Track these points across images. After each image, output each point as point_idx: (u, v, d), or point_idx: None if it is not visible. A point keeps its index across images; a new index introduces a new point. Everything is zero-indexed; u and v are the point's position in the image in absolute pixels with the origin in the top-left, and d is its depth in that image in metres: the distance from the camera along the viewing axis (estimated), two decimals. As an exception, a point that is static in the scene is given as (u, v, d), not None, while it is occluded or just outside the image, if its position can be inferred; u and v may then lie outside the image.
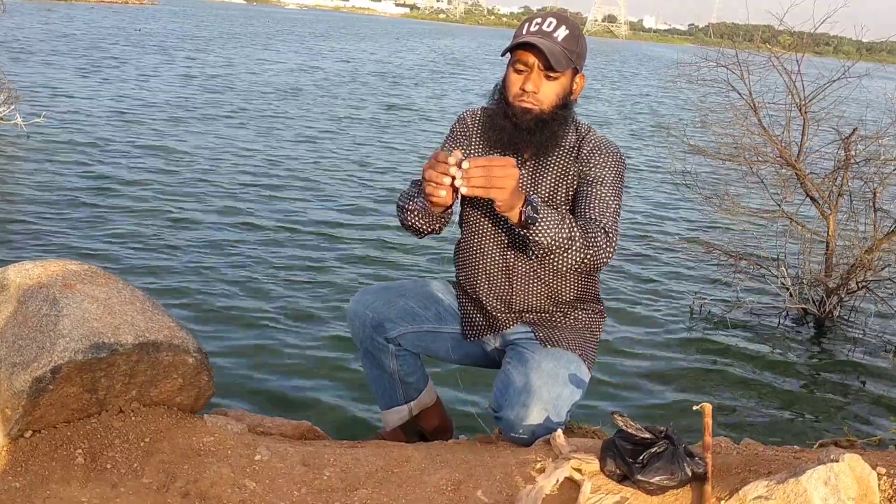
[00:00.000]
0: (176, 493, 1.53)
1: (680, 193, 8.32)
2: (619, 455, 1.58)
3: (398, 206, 1.96)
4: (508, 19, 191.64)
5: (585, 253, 1.72)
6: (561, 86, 1.86)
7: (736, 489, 1.51)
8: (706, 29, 71.12)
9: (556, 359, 1.91)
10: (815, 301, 5.09)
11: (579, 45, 1.87)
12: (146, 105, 11.16)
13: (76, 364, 1.59)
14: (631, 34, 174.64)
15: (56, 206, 5.82)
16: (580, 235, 1.71)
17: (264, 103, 12.72)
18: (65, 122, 9.15)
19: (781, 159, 5.34)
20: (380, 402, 2.31)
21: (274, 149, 9.05)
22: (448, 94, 17.67)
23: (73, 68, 14.58)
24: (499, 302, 2.04)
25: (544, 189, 1.93)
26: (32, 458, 1.57)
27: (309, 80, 17.40)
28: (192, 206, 6.22)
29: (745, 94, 5.55)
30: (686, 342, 4.60)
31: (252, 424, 1.95)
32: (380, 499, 1.57)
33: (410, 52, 32.83)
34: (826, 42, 29.65)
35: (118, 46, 20.53)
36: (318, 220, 6.29)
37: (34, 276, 1.80)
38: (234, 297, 4.46)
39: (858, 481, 1.46)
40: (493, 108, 1.92)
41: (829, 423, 3.77)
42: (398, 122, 12.42)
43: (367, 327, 2.16)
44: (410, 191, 1.94)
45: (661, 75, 29.23)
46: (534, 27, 1.85)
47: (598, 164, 1.88)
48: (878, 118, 5.73)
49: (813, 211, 5.45)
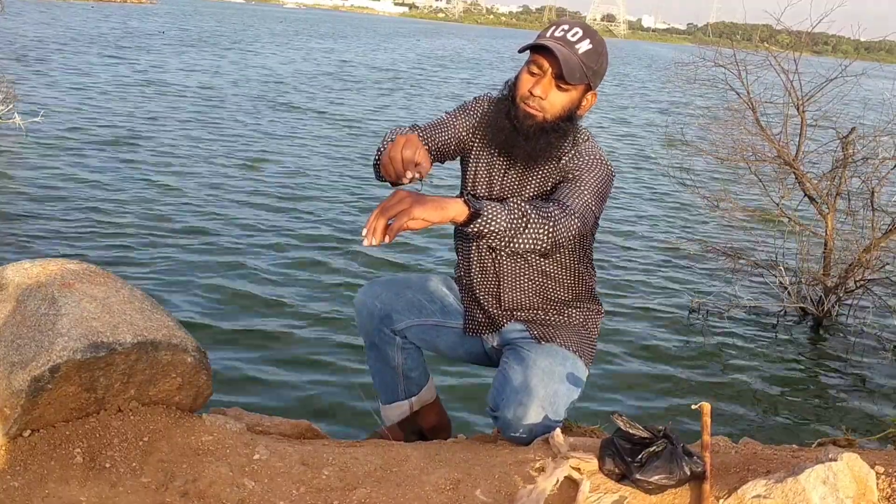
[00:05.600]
0: (175, 493, 1.53)
1: (678, 193, 8.33)
2: (617, 454, 1.59)
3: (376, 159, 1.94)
4: (507, 18, 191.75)
5: (545, 226, 1.65)
6: (570, 98, 1.83)
7: (734, 488, 1.51)
8: (705, 28, 71.13)
9: (552, 356, 1.92)
10: (813, 300, 5.10)
11: (599, 62, 1.84)
12: (146, 105, 11.14)
13: (75, 363, 1.59)
14: (630, 33, 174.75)
15: (54, 205, 5.81)
16: (532, 211, 1.65)
17: (282, 98, 12.71)
18: (63, 121, 9.14)
19: (779, 159, 5.34)
20: (381, 397, 2.33)
21: (274, 148, 9.04)
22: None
23: (72, 67, 14.55)
24: (492, 299, 2.05)
25: (527, 193, 1.92)
26: (31, 457, 1.57)
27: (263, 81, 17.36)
28: (191, 206, 6.22)
29: (743, 94, 5.56)
30: (684, 341, 4.60)
31: (251, 423, 1.95)
32: (378, 498, 1.57)
33: (388, 53, 32.41)
34: (824, 41, 29.71)
35: (117, 46, 20.50)
36: (319, 219, 6.29)
37: (33, 275, 1.80)
38: (234, 297, 4.46)
39: (857, 480, 1.46)
40: (499, 104, 1.91)
41: (828, 423, 3.78)
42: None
43: (375, 318, 2.18)
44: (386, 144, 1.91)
45: (659, 75, 29.24)
46: (558, 33, 1.82)
47: (580, 166, 1.85)
48: (876, 117, 5.74)
49: (811, 210, 5.45)
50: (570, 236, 1.71)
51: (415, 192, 1.57)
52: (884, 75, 7.07)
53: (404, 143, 1.64)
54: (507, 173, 1.95)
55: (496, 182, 1.97)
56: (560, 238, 1.69)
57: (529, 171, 1.91)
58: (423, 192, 1.59)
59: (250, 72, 17.58)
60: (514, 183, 1.94)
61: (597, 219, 1.88)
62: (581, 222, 1.74)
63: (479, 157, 1.99)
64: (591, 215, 1.80)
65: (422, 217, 1.51)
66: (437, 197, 1.56)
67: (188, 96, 12.42)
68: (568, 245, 1.76)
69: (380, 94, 15.80)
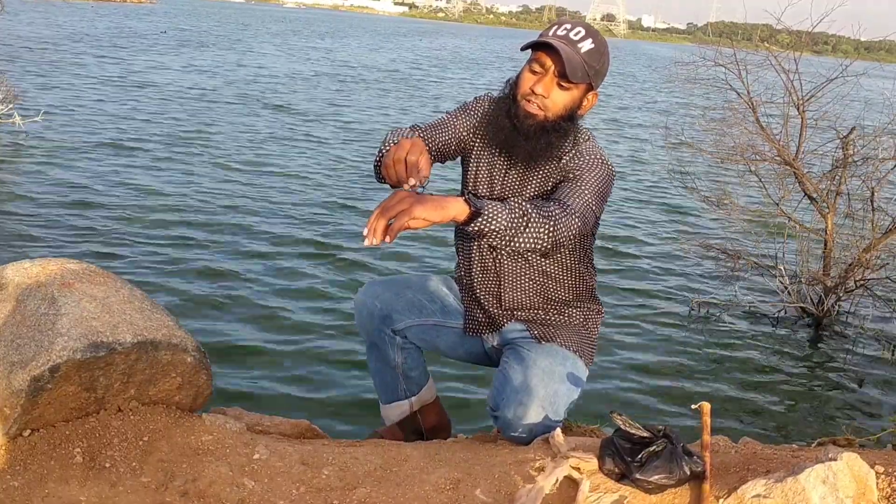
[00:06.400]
0: (174, 492, 1.53)
1: (678, 192, 8.33)
2: (617, 454, 1.58)
3: (377, 159, 1.95)
4: (507, 18, 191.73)
5: (545, 226, 1.65)
6: (571, 97, 1.83)
7: (734, 488, 1.51)
8: (705, 28, 71.18)
9: (552, 356, 1.92)
10: (813, 300, 5.10)
11: (601, 62, 1.84)
12: (145, 104, 11.14)
13: (75, 363, 1.59)
14: (629, 33, 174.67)
15: (54, 205, 5.81)
16: (533, 210, 1.65)
17: (283, 98, 12.71)
18: (63, 120, 9.14)
19: (779, 158, 5.34)
20: (381, 397, 2.33)
21: (274, 150, 9.04)
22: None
23: (72, 67, 14.55)
24: (492, 299, 2.05)
25: (528, 193, 1.92)
26: (31, 456, 1.57)
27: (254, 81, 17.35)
28: (191, 206, 6.22)
29: (744, 94, 5.56)
30: (684, 341, 4.60)
31: (251, 423, 1.95)
32: (378, 497, 1.57)
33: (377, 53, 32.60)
34: (824, 41, 29.68)
35: (117, 46, 20.50)
36: (318, 220, 6.29)
37: (32, 274, 1.80)
38: (234, 297, 4.46)
39: (857, 480, 1.46)
40: (499, 103, 1.90)
41: (828, 422, 3.78)
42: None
43: (375, 318, 2.18)
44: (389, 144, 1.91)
45: (659, 74, 29.23)
46: (561, 31, 1.82)
47: (580, 166, 1.85)
48: (876, 117, 5.74)
49: (811, 210, 5.45)
50: (571, 236, 1.71)
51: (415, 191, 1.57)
52: (884, 75, 7.07)
53: (409, 149, 1.63)
54: (507, 173, 1.95)
55: (497, 182, 1.96)
56: (561, 237, 1.69)
57: (530, 170, 1.91)
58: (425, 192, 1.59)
59: (250, 72, 17.57)
60: (514, 182, 1.94)
61: (597, 218, 1.88)
62: (582, 222, 1.74)
63: (480, 157, 1.99)
64: (591, 215, 1.80)
65: (423, 217, 1.51)
66: (438, 196, 1.56)
67: (187, 97, 12.42)
68: (568, 245, 1.76)
69: (379, 95, 15.80)
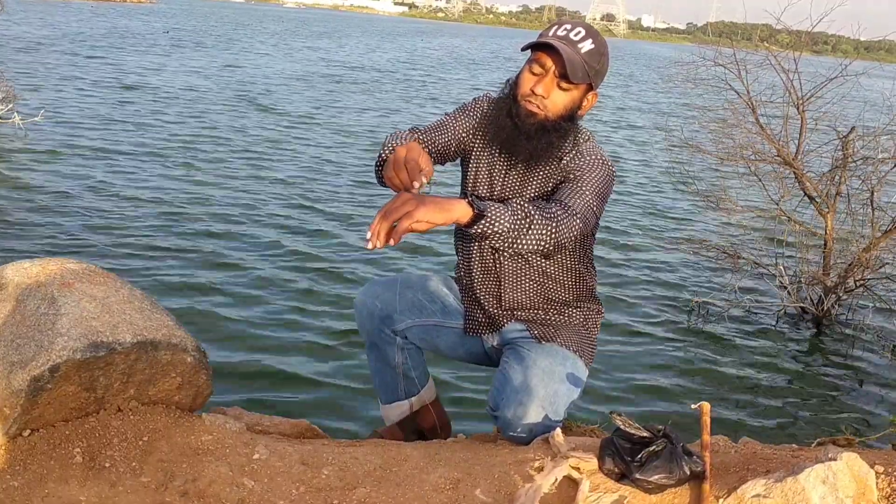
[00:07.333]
0: (174, 492, 1.53)
1: (678, 192, 8.33)
2: (617, 454, 1.59)
3: (379, 158, 1.95)
4: (507, 18, 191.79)
5: (548, 227, 1.66)
6: (571, 98, 1.83)
7: (734, 488, 1.51)
8: (705, 28, 71.16)
9: (552, 356, 1.92)
10: (813, 300, 5.10)
11: (601, 62, 1.84)
12: (144, 103, 11.14)
13: (74, 363, 1.59)
14: (629, 33, 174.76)
15: (54, 205, 5.81)
16: (535, 211, 1.66)
17: (283, 99, 12.71)
18: (63, 120, 9.13)
19: (779, 158, 5.34)
20: (381, 397, 2.33)
21: (273, 150, 9.04)
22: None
23: (71, 67, 14.55)
24: (492, 299, 2.05)
25: (529, 194, 1.92)
26: (31, 456, 1.57)
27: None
28: (190, 206, 6.21)
29: (743, 93, 5.56)
30: (684, 341, 4.60)
31: (250, 423, 1.95)
32: (378, 497, 1.57)
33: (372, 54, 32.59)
34: (824, 41, 29.68)
35: (117, 46, 20.49)
36: (318, 220, 6.29)
37: (32, 274, 1.80)
38: (233, 296, 4.45)
39: (856, 480, 1.46)
40: (500, 103, 1.90)
41: (828, 422, 3.78)
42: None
43: (375, 318, 2.18)
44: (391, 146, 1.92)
45: (659, 74, 29.23)
46: (561, 32, 1.82)
47: (581, 166, 1.85)
48: (876, 117, 5.74)
49: (811, 210, 5.45)
50: (572, 237, 1.72)
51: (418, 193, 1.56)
52: (884, 75, 7.07)
53: (406, 154, 1.61)
54: (507, 174, 1.95)
55: (497, 182, 1.96)
56: (563, 238, 1.69)
57: (530, 171, 1.91)
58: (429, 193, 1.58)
59: (250, 73, 17.56)
60: (515, 183, 1.94)
61: (598, 219, 1.88)
62: (583, 222, 1.75)
63: (480, 158, 1.99)
64: (592, 215, 1.80)
65: (426, 219, 1.51)
66: (441, 198, 1.56)
67: (187, 97, 12.42)
68: (569, 245, 1.76)
69: (378, 95, 15.80)
